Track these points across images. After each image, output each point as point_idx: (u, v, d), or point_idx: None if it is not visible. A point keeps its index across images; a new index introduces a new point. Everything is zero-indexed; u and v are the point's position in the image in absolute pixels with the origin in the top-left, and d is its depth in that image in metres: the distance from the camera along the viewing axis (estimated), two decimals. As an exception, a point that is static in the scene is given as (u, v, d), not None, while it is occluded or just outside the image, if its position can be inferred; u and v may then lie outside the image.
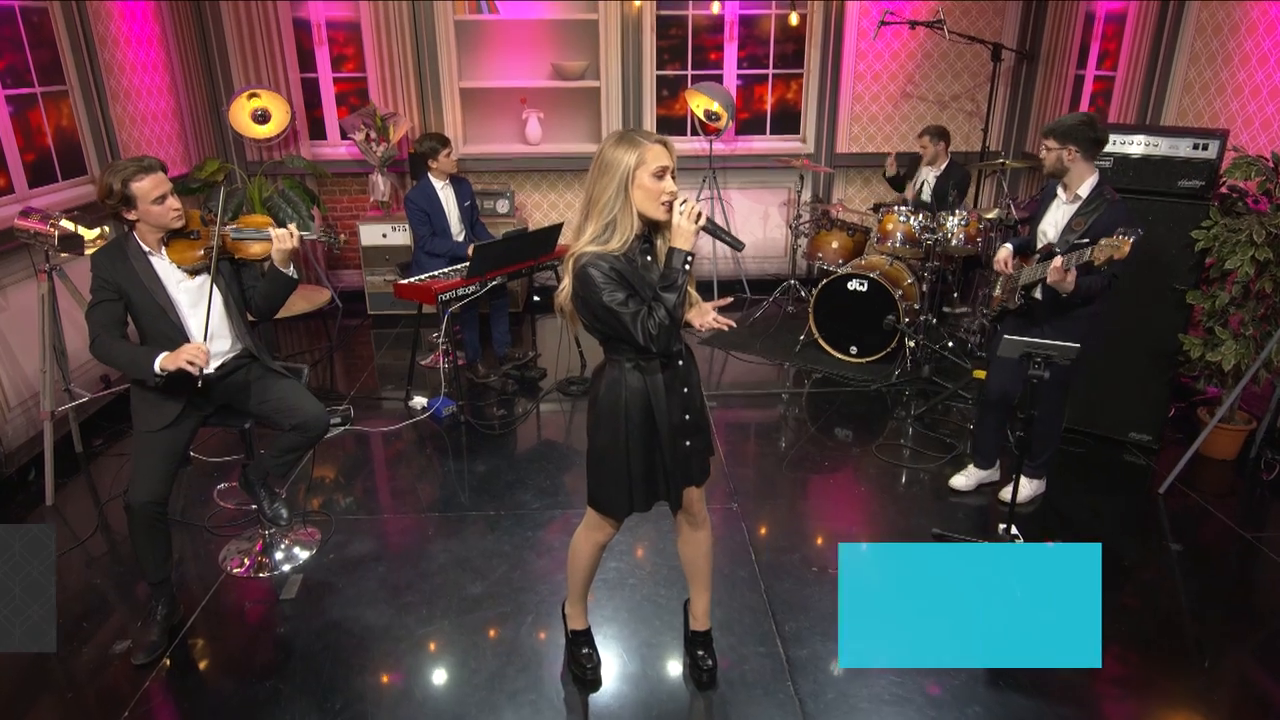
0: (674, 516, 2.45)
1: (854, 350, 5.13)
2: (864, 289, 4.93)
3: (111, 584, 3.12)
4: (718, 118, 5.87)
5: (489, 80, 6.21)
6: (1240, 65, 4.28)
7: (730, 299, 2.52)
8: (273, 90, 5.75)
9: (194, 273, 2.76)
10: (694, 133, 6.39)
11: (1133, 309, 3.85)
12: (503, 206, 5.99)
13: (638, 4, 5.85)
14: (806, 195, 6.42)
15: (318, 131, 6.26)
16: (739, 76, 6.26)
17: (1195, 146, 3.60)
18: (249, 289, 2.90)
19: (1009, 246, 3.40)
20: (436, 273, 4.52)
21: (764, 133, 6.49)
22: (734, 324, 2.26)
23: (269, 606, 2.99)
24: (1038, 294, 3.26)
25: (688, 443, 2.25)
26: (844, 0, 5.99)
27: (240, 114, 5.67)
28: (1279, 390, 3.64)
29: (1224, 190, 3.64)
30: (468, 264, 4.36)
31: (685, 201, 2.02)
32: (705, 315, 2.21)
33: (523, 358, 5.06)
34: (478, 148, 6.30)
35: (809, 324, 5.25)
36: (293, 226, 2.82)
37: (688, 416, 2.23)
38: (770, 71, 6.32)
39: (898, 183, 5.75)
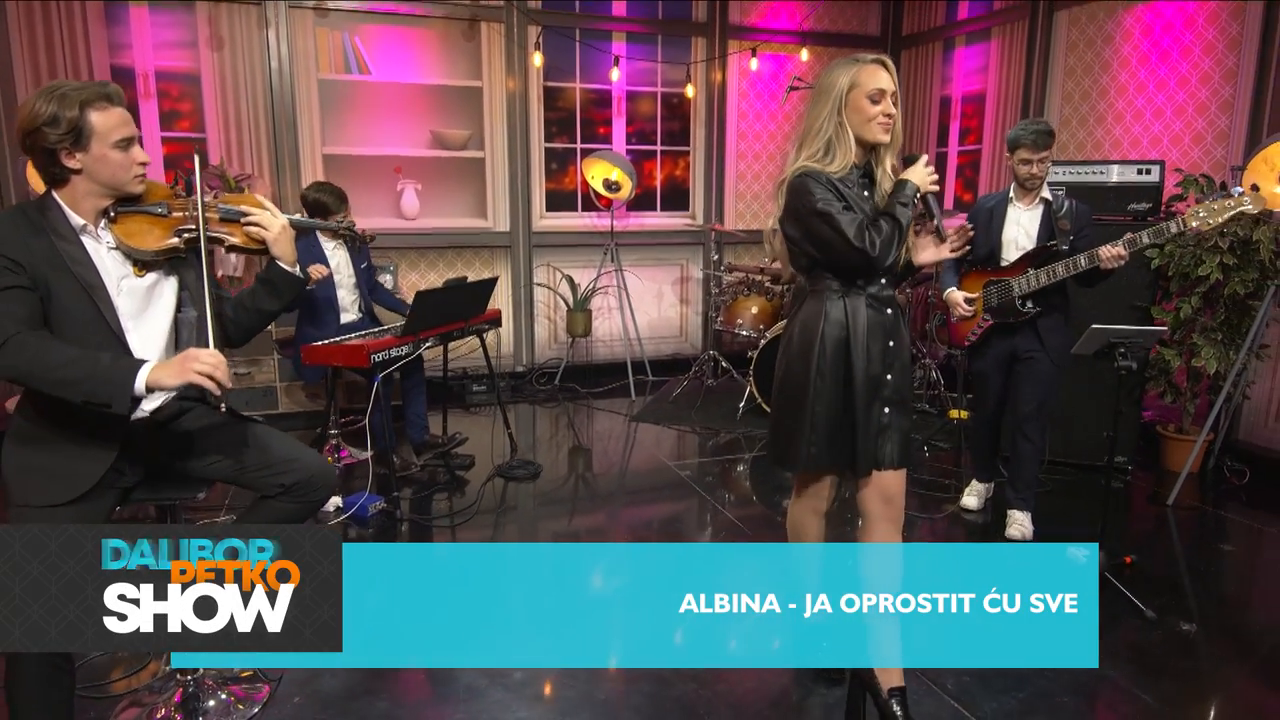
0: (857, 495, 2.07)
1: (801, 411, 4.86)
2: (810, 344, 4.73)
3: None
4: (618, 187, 5.59)
5: (359, 147, 5.49)
6: (1115, 122, 4.79)
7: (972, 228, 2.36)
8: (86, 143, 4.60)
9: (146, 267, 1.84)
10: (586, 208, 6.05)
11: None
12: (387, 282, 5.16)
13: (537, 61, 5.53)
14: (697, 272, 6.31)
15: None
16: (629, 151, 6.09)
17: (1140, 172, 3.87)
18: (224, 302, 2.00)
19: (952, 289, 3.37)
20: (368, 331, 3.65)
21: (655, 209, 6.32)
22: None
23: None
24: (1029, 304, 3.25)
25: (886, 410, 2.01)
26: (726, 74, 6.13)
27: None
28: (1223, 401, 3.83)
29: (1171, 210, 3.90)
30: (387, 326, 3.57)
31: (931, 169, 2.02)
32: (937, 250, 2.13)
33: (446, 442, 4.19)
34: (345, 222, 5.46)
35: (750, 388, 4.93)
36: (274, 207, 1.99)
37: (889, 376, 2.02)
38: (659, 148, 6.23)
39: None
